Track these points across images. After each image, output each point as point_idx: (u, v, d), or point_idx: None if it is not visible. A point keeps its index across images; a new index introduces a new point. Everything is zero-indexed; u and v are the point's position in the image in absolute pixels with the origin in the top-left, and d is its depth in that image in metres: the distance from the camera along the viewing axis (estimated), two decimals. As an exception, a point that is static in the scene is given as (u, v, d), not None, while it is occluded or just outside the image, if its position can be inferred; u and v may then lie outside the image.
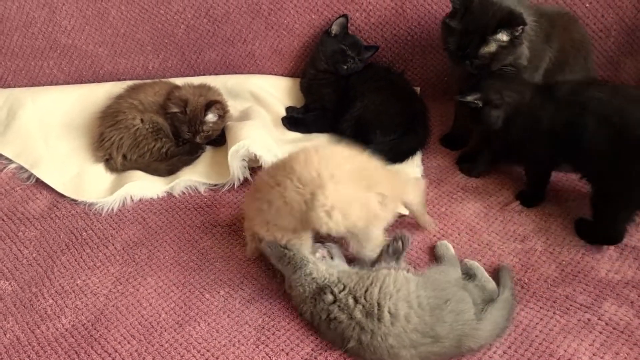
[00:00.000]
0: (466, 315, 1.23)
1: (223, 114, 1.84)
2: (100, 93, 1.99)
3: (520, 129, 1.55)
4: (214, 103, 1.80)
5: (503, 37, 1.51)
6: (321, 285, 1.29)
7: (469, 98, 1.54)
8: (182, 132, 1.82)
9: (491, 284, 1.36)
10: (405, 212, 1.60)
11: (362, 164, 1.38)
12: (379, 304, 1.22)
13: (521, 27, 1.48)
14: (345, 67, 1.88)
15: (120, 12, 2.01)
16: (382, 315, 1.21)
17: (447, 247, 1.48)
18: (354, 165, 1.35)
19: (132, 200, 1.75)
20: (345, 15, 1.91)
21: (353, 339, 1.22)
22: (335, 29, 1.91)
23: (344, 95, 1.88)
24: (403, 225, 1.61)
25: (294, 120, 1.98)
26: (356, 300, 1.24)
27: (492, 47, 1.52)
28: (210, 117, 1.80)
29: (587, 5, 1.84)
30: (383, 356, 1.22)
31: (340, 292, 1.26)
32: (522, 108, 1.54)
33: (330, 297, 1.26)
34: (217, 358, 1.31)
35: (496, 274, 1.41)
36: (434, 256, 1.50)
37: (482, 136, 1.73)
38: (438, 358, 1.23)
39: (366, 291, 1.24)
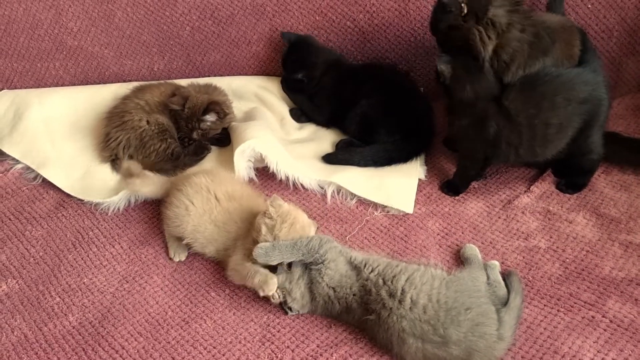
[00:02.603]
0: (486, 329, 1.22)
1: (223, 115, 1.85)
2: (106, 94, 2.00)
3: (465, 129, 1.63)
4: (215, 104, 1.81)
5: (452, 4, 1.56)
6: (355, 264, 1.36)
7: (442, 66, 1.60)
8: (181, 127, 1.84)
9: (502, 291, 1.36)
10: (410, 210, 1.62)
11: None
12: (403, 289, 1.28)
13: (463, 4, 1.54)
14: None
15: (126, 14, 2.02)
16: (404, 298, 1.26)
17: (475, 250, 1.49)
18: None
19: (137, 200, 1.76)
20: None
21: (375, 312, 1.28)
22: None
23: (349, 94, 1.88)
24: (407, 223, 1.63)
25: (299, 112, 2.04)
26: (384, 282, 1.30)
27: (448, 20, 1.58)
28: (208, 117, 1.82)
29: (589, 6, 1.85)
30: (392, 337, 1.25)
31: (370, 273, 1.33)
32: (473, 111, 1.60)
33: (364, 275, 1.33)
34: (223, 355, 1.32)
35: (504, 278, 1.41)
36: (459, 258, 1.51)
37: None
38: None
39: (394, 277, 1.31)
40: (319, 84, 1.96)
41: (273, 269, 1.38)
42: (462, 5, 1.55)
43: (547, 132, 1.57)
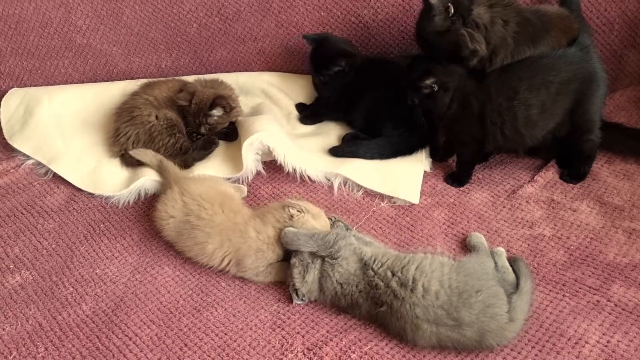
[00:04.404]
0: (497, 310, 1.25)
1: (229, 109, 1.88)
2: (114, 91, 2.04)
3: (453, 111, 1.67)
4: (221, 99, 1.84)
5: (439, 7, 1.56)
6: (364, 261, 1.37)
7: (428, 82, 1.63)
8: (189, 122, 1.88)
9: (511, 276, 1.38)
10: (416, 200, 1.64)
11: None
12: (414, 278, 1.30)
13: (450, 6, 1.54)
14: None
15: (134, 12, 2.06)
16: (416, 287, 1.28)
17: (480, 238, 1.51)
18: None
19: (147, 193, 1.79)
20: None
21: (386, 304, 1.30)
22: None
23: (355, 88, 1.91)
24: (413, 214, 1.65)
25: (312, 114, 2.03)
26: (393, 274, 1.32)
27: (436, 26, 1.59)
28: (215, 111, 1.85)
29: (591, -1, 1.88)
30: (406, 325, 1.27)
31: (379, 268, 1.35)
32: (457, 92, 1.65)
33: (371, 272, 1.35)
34: (234, 341, 1.35)
35: (511, 265, 1.43)
36: (465, 247, 1.54)
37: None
38: (455, 346, 1.26)
39: (403, 267, 1.33)
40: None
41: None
42: (449, 5, 1.55)
43: (529, 113, 1.60)
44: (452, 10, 1.55)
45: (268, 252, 1.46)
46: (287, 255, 1.46)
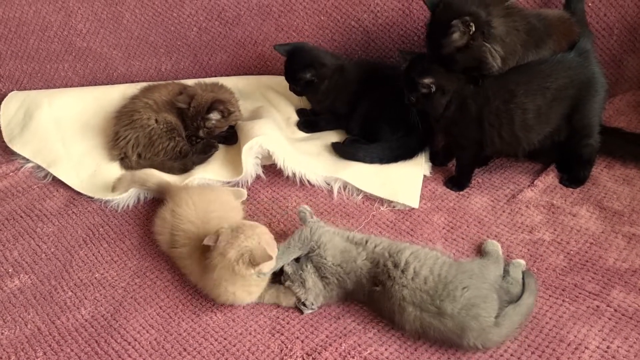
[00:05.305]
0: (480, 311, 1.25)
1: (227, 114, 1.88)
2: (114, 94, 2.04)
3: (451, 113, 1.66)
4: (218, 103, 1.84)
5: (459, 26, 1.52)
6: (355, 241, 1.42)
7: (427, 80, 1.62)
8: (188, 125, 1.88)
9: (517, 289, 1.37)
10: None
11: None
12: (407, 261, 1.34)
13: (471, 23, 1.50)
14: None
15: (134, 16, 2.06)
16: (407, 268, 1.33)
17: (496, 247, 1.50)
18: None
19: (146, 197, 1.78)
20: None
21: (381, 284, 1.34)
22: None
23: (352, 95, 1.91)
24: (413, 218, 1.65)
25: (309, 123, 2.02)
26: (390, 255, 1.37)
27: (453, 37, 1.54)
28: (212, 115, 1.85)
29: (590, 4, 1.88)
30: (394, 306, 1.31)
31: (375, 247, 1.40)
32: (455, 95, 1.64)
33: (370, 248, 1.40)
34: (234, 345, 1.35)
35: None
36: (466, 251, 1.54)
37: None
38: (437, 336, 1.28)
39: (399, 251, 1.37)
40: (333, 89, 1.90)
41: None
42: (470, 24, 1.50)
43: (526, 117, 1.60)
44: (473, 28, 1.51)
45: (256, 294, 1.42)
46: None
